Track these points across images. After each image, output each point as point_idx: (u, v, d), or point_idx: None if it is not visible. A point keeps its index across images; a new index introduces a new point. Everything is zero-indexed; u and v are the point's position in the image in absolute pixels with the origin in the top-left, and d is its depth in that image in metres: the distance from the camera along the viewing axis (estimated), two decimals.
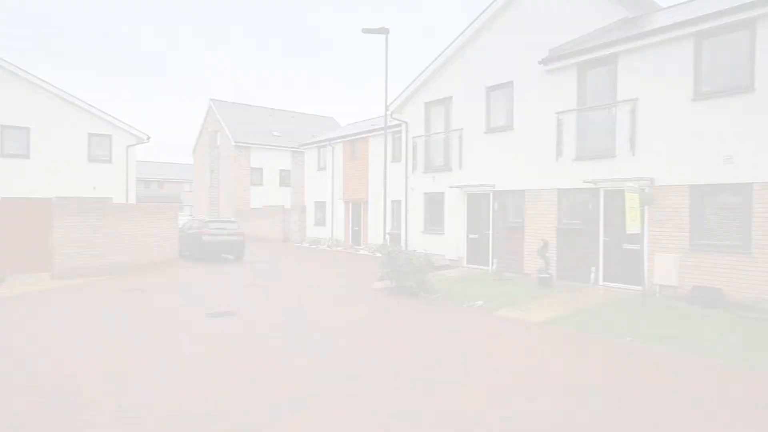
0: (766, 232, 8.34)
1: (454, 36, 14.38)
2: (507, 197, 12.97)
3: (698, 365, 5.56)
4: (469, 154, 13.99)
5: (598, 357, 5.90)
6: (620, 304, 8.88)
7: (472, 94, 13.89)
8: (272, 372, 5.34)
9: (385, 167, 13.23)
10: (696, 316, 7.90)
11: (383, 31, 12.79)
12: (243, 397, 4.61)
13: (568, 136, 11.37)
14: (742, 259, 8.60)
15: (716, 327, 7.20)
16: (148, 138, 21.42)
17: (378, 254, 17.77)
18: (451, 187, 14.29)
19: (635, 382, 5.01)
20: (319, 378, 5.15)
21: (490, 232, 13.41)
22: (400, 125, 17.00)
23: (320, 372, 5.34)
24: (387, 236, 15.16)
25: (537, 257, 11.63)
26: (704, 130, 9.12)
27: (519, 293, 10.03)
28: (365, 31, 12.80)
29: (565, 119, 11.41)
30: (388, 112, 15.98)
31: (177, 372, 5.32)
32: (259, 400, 4.54)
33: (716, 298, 8.62)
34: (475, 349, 6.25)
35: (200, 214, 35.13)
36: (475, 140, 13.81)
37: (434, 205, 15.31)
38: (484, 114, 13.53)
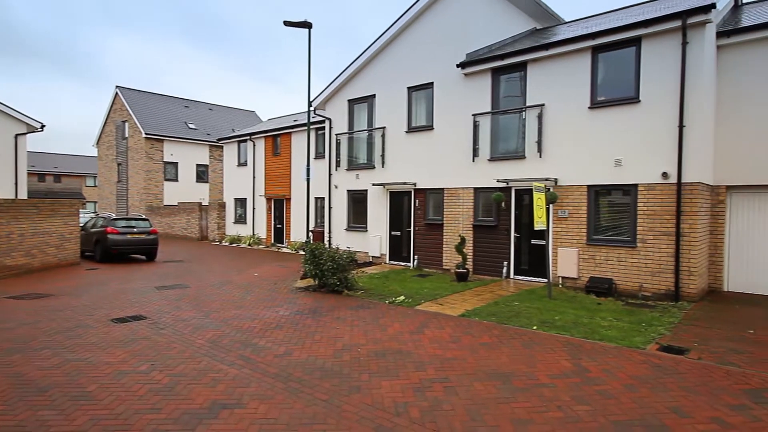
0: (646, 227, 9.44)
1: (378, 34, 14.59)
2: (427, 195, 13.44)
3: (594, 348, 6.19)
4: (391, 153, 14.29)
5: (508, 345, 6.35)
6: (529, 295, 9.60)
7: (394, 93, 14.19)
8: (188, 377, 5.15)
9: (308, 164, 13.12)
10: (591, 305, 8.76)
11: (306, 25, 12.66)
12: (156, 407, 4.41)
13: (483, 138, 12.03)
14: (628, 252, 9.67)
15: (608, 314, 8.05)
16: (42, 127, 19.40)
17: (301, 252, 17.64)
18: (374, 184, 14.52)
19: (541, 366, 5.49)
20: (239, 380, 5.06)
21: (412, 229, 13.83)
22: (323, 122, 16.94)
23: (239, 374, 5.24)
24: (310, 234, 15.06)
25: (455, 253, 12.20)
26: (599, 136, 10.10)
27: (439, 288, 10.47)
28: (287, 24, 12.58)
29: (481, 122, 12.05)
30: (311, 108, 15.87)
31: (81, 385, 4.96)
32: (175, 408, 4.37)
33: (608, 287, 9.62)
34: (398, 344, 6.46)
35: (106, 210, 32.50)
36: (397, 139, 14.14)
37: (358, 202, 15.46)
38: (406, 114, 13.89)
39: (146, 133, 28.84)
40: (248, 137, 22.80)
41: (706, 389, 4.81)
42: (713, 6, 8.67)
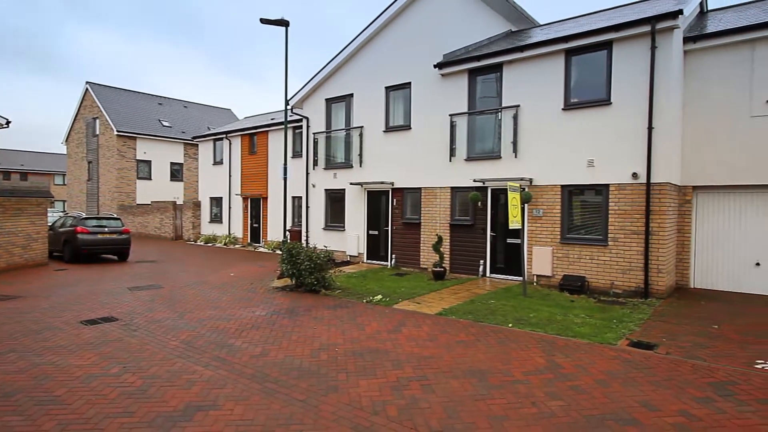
0: (617, 226, 9.70)
1: (356, 33, 14.57)
2: (405, 194, 13.50)
3: (568, 344, 6.33)
4: (369, 152, 14.29)
5: (485, 343, 6.44)
6: (504, 293, 9.75)
7: (372, 92, 14.20)
8: (162, 379, 5.06)
9: (285, 163, 13.00)
10: (565, 302, 8.95)
11: (283, 22, 12.54)
12: (128, 410, 4.31)
13: (460, 138, 12.14)
14: (600, 250, 9.92)
15: (581, 311, 8.24)
16: (8, 122, 18.67)
17: (278, 252, 17.47)
18: (352, 183, 14.50)
19: (516, 363, 5.58)
20: (214, 381, 4.99)
21: (389, 228, 13.87)
22: (301, 120, 16.82)
23: (215, 376, 5.17)
24: (287, 233, 14.93)
25: (432, 252, 12.28)
26: (572, 137, 10.32)
27: (416, 287, 10.53)
28: (264, 21, 12.43)
29: (458, 122, 12.17)
30: (289, 107, 15.74)
31: (49, 389, 4.81)
32: (148, 411, 4.29)
33: (581, 285, 9.85)
34: (376, 343, 6.47)
35: (76, 209, 31.56)
36: (375, 138, 14.15)
37: (335, 201, 15.41)
38: (384, 113, 13.91)
39: (118, 131, 28.10)
40: (224, 135, 22.46)
41: (674, 383, 4.97)
42: (680, 12, 8.95)
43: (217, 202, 23.20)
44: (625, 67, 9.62)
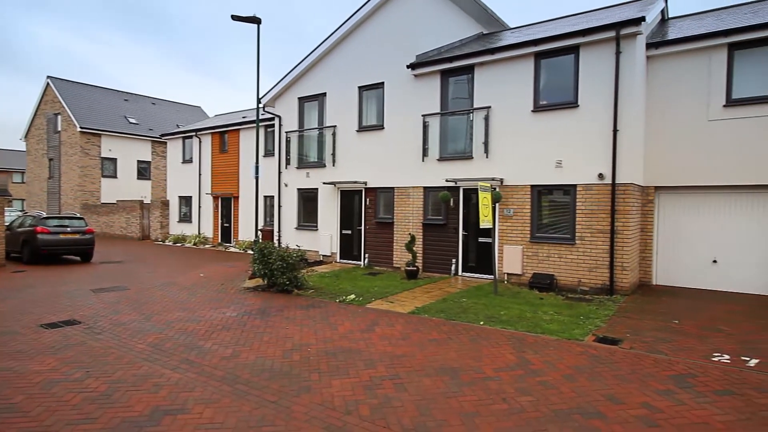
0: (584, 225, 9.98)
1: (329, 32, 14.48)
2: (378, 194, 13.51)
3: (537, 341, 6.47)
4: (342, 152, 14.24)
5: (456, 341, 6.51)
6: (476, 292, 9.88)
7: (345, 92, 14.15)
8: (127, 383, 4.91)
9: (257, 161, 12.83)
10: (534, 299, 9.14)
11: (254, 20, 12.38)
12: (91, 416, 4.17)
13: (433, 138, 12.24)
14: (568, 249, 10.18)
15: (550, 308, 8.44)
16: None
17: (250, 252, 17.22)
18: (325, 183, 14.42)
19: (488, 360, 5.67)
20: (183, 385, 4.88)
21: (362, 227, 13.86)
22: (273, 119, 16.62)
23: (183, 379, 5.06)
24: (259, 233, 14.74)
25: (405, 251, 12.34)
26: (542, 138, 10.55)
27: (389, 286, 10.56)
28: (235, 18, 12.24)
29: (431, 122, 12.26)
30: (261, 105, 15.53)
31: (5, 396, 4.60)
32: (112, 417, 4.16)
33: (550, 282, 10.08)
34: (349, 342, 6.45)
35: (36, 209, 30.31)
36: (348, 137, 14.11)
37: (308, 201, 15.30)
38: (357, 113, 13.89)
39: (81, 127, 27.11)
40: (194, 133, 21.97)
41: (637, 376, 5.15)
42: (643, 19, 9.28)
43: (186, 201, 22.67)
44: (591, 71, 9.89)
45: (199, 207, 21.73)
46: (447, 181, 11.84)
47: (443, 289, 10.19)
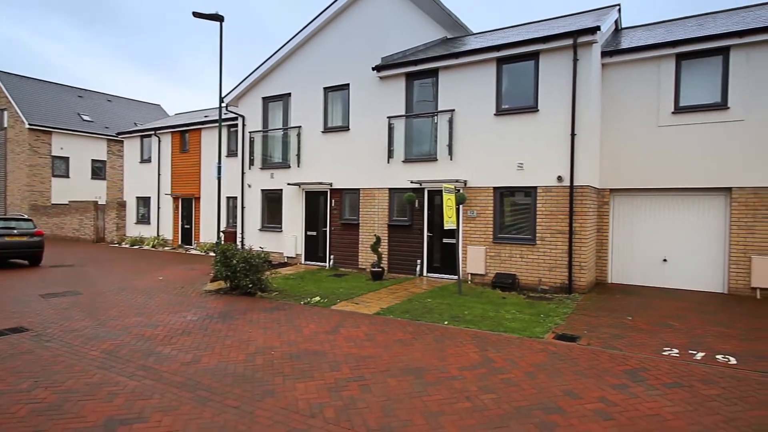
0: (545, 226, 10.28)
1: (294, 31, 14.33)
2: (343, 195, 13.47)
3: (500, 339, 6.61)
4: (307, 152, 14.12)
5: (421, 341, 6.56)
6: (441, 292, 10.00)
7: (310, 93, 14.04)
8: (80, 393, 4.69)
9: (219, 162, 12.53)
10: (497, 299, 9.34)
11: (217, 17, 12.11)
12: (39, 428, 3.96)
13: (398, 140, 12.31)
14: (529, 249, 10.46)
15: (512, 307, 8.64)
16: None
17: (211, 254, 16.79)
18: (290, 184, 14.25)
19: (452, 360, 5.74)
20: (140, 392, 4.71)
21: (328, 229, 13.77)
22: (236, 119, 16.30)
23: (140, 386, 4.88)
24: (221, 235, 14.41)
25: (371, 252, 12.35)
26: (504, 141, 10.80)
27: (354, 287, 10.53)
28: (197, 15, 11.93)
29: (396, 124, 12.33)
30: (224, 105, 15.21)
31: None
32: (63, 429, 3.96)
33: (512, 282, 10.33)
34: (314, 344, 6.39)
35: None
36: (313, 138, 14.00)
37: (272, 202, 15.08)
38: (322, 114, 13.81)
39: (30, 124, 25.71)
40: (153, 132, 21.26)
41: (594, 372, 5.34)
42: (598, 28, 9.67)
43: (144, 202, 21.89)
44: (550, 77, 10.21)
45: (158, 208, 21.03)
46: (412, 182, 11.94)
47: (408, 290, 10.26)
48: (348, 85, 13.31)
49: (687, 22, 12.59)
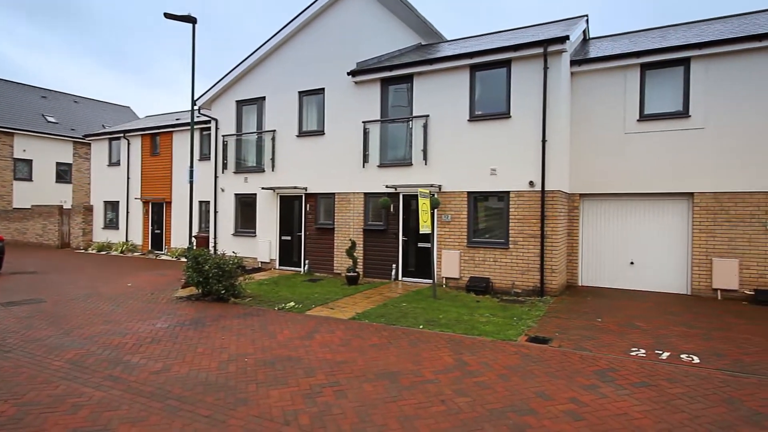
0: (517, 230, 10.46)
1: (269, 35, 14.21)
2: (318, 200, 13.40)
3: (474, 343, 6.68)
4: (282, 156, 14.00)
5: (396, 345, 6.57)
6: (416, 296, 10.04)
7: (285, 96, 13.94)
8: (42, 405, 4.51)
9: (192, 165, 12.29)
10: (472, 302, 9.44)
11: (190, 19, 11.92)
12: None
13: (373, 145, 12.35)
14: (502, 253, 10.62)
15: (486, 310, 8.74)
16: None
17: (183, 259, 16.43)
18: (264, 188, 14.10)
19: (427, 364, 5.77)
20: (106, 403, 4.56)
21: (303, 233, 13.67)
22: (209, 122, 16.04)
23: (107, 397, 4.72)
24: (193, 240, 14.12)
25: (346, 257, 12.31)
26: (477, 146, 10.96)
27: (329, 292, 10.47)
28: (168, 16, 11.72)
29: (371, 129, 12.37)
30: (196, 108, 14.96)
31: None
32: None
33: (486, 286, 10.46)
34: (288, 350, 6.32)
35: None
36: (288, 143, 13.90)
37: (246, 206, 14.87)
38: (297, 118, 13.73)
39: None
40: (122, 134, 20.70)
41: (565, 373, 5.46)
42: (567, 38, 9.95)
43: (112, 206, 21.27)
44: (522, 84, 10.43)
45: (127, 213, 20.46)
46: (387, 187, 11.98)
47: (384, 294, 10.26)
48: (323, 89, 13.28)
49: (650, 34, 13.07)
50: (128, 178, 20.38)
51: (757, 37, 9.63)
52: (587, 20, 13.50)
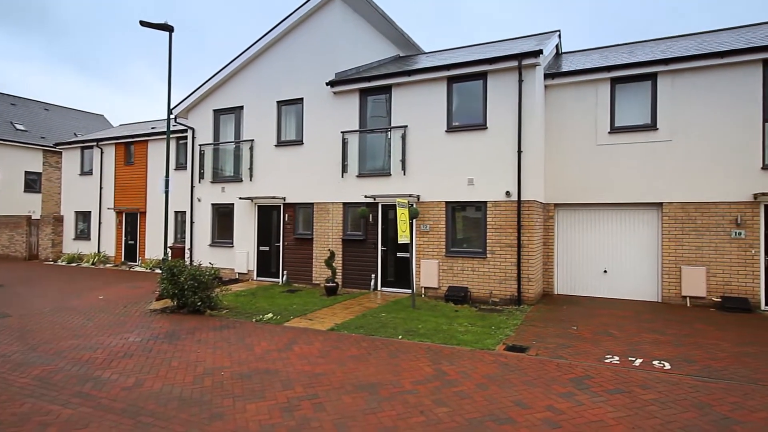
0: (494, 240, 10.60)
1: (247, 44, 14.15)
2: (297, 210, 13.32)
3: (453, 352, 6.71)
4: (260, 166, 13.89)
5: (376, 356, 6.55)
6: (395, 306, 10.04)
7: (264, 106, 13.88)
8: (5, 424, 4.33)
9: (167, 175, 12.07)
10: (450, 312, 9.49)
11: (166, 27, 11.78)
12: None
13: (352, 155, 12.37)
14: (480, 262, 10.73)
15: (464, 319, 8.80)
16: None
17: (157, 271, 16.06)
18: (242, 198, 13.94)
19: (406, 374, 5.76)
20: (75, 421, 4.40)
21: (281, 244, 13.55)
22: (186, 131, 15.82)
23: (75, 414, 4.57)
24: (169, 250, 13.84)
25: (325, 267, 12.25)
26: (455, 157, 11.10)
27: (308, 303, 10.39)
28: (144, 24, 11.57)
29: (350, 139, 12.40)
30: (173, 116, 14.75)
31: None
32: None
33: (465, 295, 10.53)
34: (266, 363, 6.23)
35: None
36: (266, 152, 13.81)
37: (223, 216, 14.67)
38: (276, 127, 13.67)
39: None
40: (95, 143, 20.22)
41: (542, 381, 5.53)
42: (541, 51, 10.21)
43: (84, 216, 20.69)
44: (497, 96, 10.64)
45: (100, 223, 19.93)
46: (366, 197, 12.00)
47: (363, 305, 10.23)
48: (302, 99, 13.27)
49: (620, 49, 13.53)
50: (101, 187, 19.89)
51: (719, 54, 10.07)
52: (559, 35, 13.89)
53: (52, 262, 20.33)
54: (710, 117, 10.25)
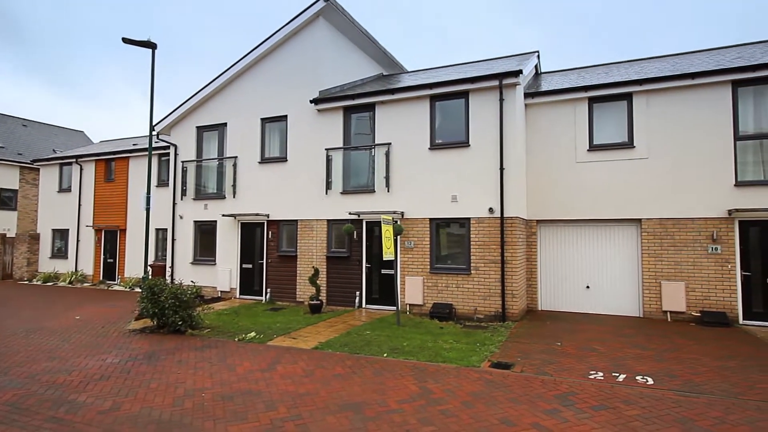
0: (478, 256, 10.67)
1: (233, 61, 14.18)
2: (281, 227, 13.24)
3: (438, 370, 6.67)
4: (243, 183, 13.82)
5: (360, 375, 6.47)
6: (380, 323, 9.98)
7: (247, 123, 13.87)
8: None
9: (149, 192, 11.91)
10: (435, 329, 9.46)
11: (149, 45, 11.76)
12: None
13: (336, 172, 12.40)
14: (465, 279, 10.77)
15: (449, 336, 8.78)
16: None
17: (137, 289, 15.72)
18: (225, 215, 13.81)
19: (391, 393, 5.70)
20: None
21: (264, 261, 13.41)
22: (168, 147, 15.69)
23: None
24: (149, 269, 13.57)
25: (309, 285, 12.14)
26: (439, 174, 11.21)
27: (292, 321, 10.25)
28: (126, 41, 11.54)
29: (334, 156, 12.44)
30: (155, 133, 14.64)
31: None
32: None
33: (449, 312, 10.53)
34: (248, 383, 6.11)
35: None
36: (250, 169, 13.76)
37: (206, 234, 14.50)
38: (260, 144, 13.65)
39: None
40: (74, 160, 19.90)
41: (527, 398, 5.52)
42: (521, 71, 10.47)
43: (61, 234, 20.23)
44: (479, 114, 10.84)
45: (78, 241, 19.49)
46: (350, 214, 12.00)
47: (347, 323, 10.14)
48: (286, 116, 13.31)
49: (596, 70, 13.94)
50: (80, 204, 19.51)
51: (690, 75, 10.44)
52: (538, 55, 14.26)
53: (27, 282, 19.75)
54: (685, 135, 10.57)
